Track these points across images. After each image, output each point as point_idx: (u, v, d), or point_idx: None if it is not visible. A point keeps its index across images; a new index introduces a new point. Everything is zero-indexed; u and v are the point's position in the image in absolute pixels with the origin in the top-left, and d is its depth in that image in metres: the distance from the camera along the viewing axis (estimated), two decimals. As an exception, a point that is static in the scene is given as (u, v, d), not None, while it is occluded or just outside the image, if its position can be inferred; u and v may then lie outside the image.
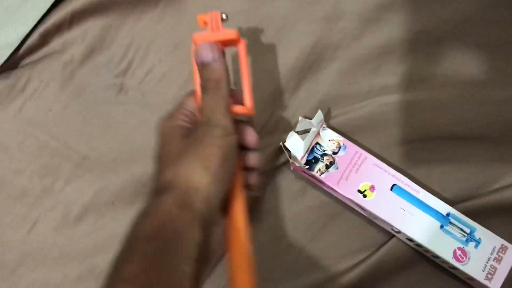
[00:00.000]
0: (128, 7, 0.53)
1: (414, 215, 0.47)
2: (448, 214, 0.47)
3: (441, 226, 0.46)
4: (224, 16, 0.41)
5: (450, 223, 0.46)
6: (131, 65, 0.53)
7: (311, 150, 0.49)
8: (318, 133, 0.49)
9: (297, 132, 0.49)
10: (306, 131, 0.49)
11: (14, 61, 0.52)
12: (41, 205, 0.51)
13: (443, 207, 0.47)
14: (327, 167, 0.48)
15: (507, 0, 0.52)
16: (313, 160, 0.49)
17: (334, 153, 0.49)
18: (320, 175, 0.48)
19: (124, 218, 0.51)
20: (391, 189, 0.48)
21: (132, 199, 0.51)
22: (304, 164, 0.48)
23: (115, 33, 0.53)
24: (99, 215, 0.51)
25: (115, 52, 0.53)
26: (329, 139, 0.49)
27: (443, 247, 0.46)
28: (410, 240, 0.47)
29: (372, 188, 0.48)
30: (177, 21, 0.54)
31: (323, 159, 0.49)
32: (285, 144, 0.48)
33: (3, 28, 0.50)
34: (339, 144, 0.49)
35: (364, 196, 0.48)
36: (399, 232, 0.47)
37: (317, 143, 0.49)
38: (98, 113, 0.52)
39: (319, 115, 0.49)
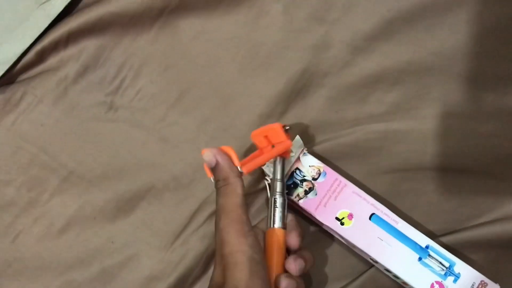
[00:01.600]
0: (123, 28, 0.54)
1: (392, 245, 0.46)
2: (427, 247, 0.46)
3: (420, 258, 0.46)
4: (287, 127, 0.46)
5: (429, 255, 0.46)
6: (122, 84, 0.54)
7: (291, 175, 0.49)
8: (298, 159, 0.49)
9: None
10: None
11: (10, 76, 0.54)
12: (26, 216, 0.52)
13: (422, 239, 0.46)
14: (306, 192, 0.48)
15: (496, 33, 0.52)
16: (292, 185, 0.49)
17: (314, 179, 0.49)
18: (298, 200, 0.48)
19: (105, 233, 0.52)
20: (370, 218, 0.47)
21: (114, 215, 0.52)
22: None
23: (109, 53, 0.55)
24: (81, 229, 0.52)
25: (108, 71, 0.55)
26: (310, 165, 0.49)
27: (421, 280, 0.45)
28: (388, 271, 0.47)
29: (350, 216, 0.47)
30: (170, 44, 0.55)
31: (302, 185, 0.49)
32: (263, 168, 0.49)
33: (2, 45, 0.52)
34: (319, 170, 0.49)
35: (342, 224, 0.47)
36: (376, 262, 0.47)
37: (297, 168, 0.49)
38: (88, 129, 0.54)
39: (298, 140, 0.49)
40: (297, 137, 0.49)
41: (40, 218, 0.52)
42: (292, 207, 0.50)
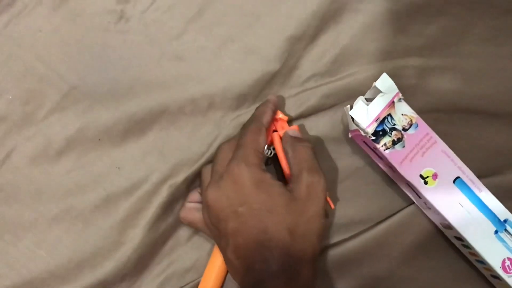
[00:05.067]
0: None
1: (471, 213, 0.43)
2: (505, 221, 0.43)
3: (496, 232, 0.43)
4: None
5: (506, 230, 0.43)
6: (135, -9, 0.48)
7: (382, 121, 0.44)
8: (392, 104, 0.44)
9: (366, 99, 0.44)
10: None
11: (2, -29, 0.46)
12: (19, 133, 0.46)
13: (502, 212, 0.44)
14: (394, 143, 0.44)
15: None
16: (381, 132, 0.44)
17: (404, 129, 0.44)
18: (384, 150, 0.44)
19: (111, 157, 0.46)
20: (454, 182, 0.44)
21: (121, 138, 0.46)
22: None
23: (121, -47, 0.48)
24: (83, 152, 0.46)
25: (119, -25, 0.47)
26: (402, 113, 0.44)
27: (493, 253, 0.43)
28: (458, 239, 0.44)
29: (435, 176, 0.44)
30: (190, -52, 0.48)
31: (391, 134, 0.44)
32: (350, 112, 0.43)
33: None
34: (411, 121, 0.44)
35: (425, 183, 0.44)
36: (449, 227, 0.44)
37: (389, 114, 0.44)
38: (94, 40, 0.47)
39: (385, 78, 0.44)
40: (384, 74, 0.44)
41: (36, 136, 0.46)
42: (369, 154, 0.48)
